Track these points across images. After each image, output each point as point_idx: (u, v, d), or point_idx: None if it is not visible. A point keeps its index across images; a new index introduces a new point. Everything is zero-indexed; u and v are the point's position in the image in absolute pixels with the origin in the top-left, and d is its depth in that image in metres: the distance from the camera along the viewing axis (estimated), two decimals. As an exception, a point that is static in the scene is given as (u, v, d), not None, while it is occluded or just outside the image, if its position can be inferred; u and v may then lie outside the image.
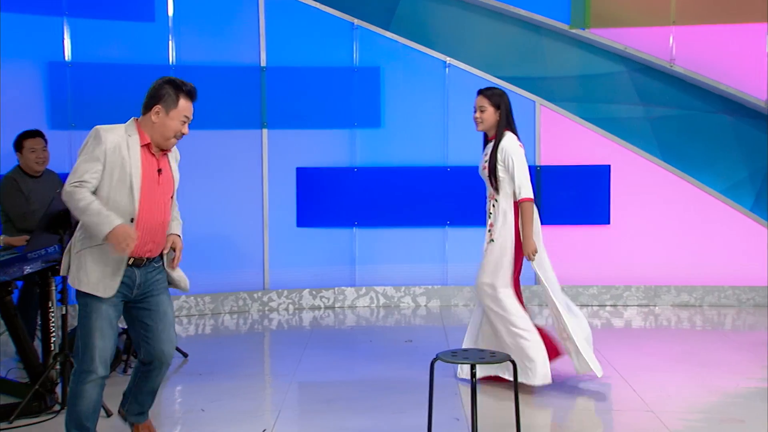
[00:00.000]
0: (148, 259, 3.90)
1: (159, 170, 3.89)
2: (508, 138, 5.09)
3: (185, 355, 5.86)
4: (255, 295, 7.53)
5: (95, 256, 3.74)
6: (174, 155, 4.08)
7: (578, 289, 7.62)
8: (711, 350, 6.03)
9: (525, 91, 7.54)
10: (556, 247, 7.65)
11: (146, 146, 3.85)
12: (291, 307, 7.59)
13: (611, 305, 7.59)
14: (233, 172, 7.47)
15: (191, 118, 3.99)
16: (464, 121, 7.61)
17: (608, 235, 7.59)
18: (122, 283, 3.80)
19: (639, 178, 7.53)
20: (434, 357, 3.89)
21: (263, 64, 7.45)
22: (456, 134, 7.60)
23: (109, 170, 3.72)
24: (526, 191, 4.97)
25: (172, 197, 3.99)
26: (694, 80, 7.35)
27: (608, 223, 7.57)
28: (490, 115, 5.13)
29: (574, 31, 7.43)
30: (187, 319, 7.23)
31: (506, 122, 5.13)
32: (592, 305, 7.59)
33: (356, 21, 7.54)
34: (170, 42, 7.21)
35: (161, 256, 4.03)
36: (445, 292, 7.68)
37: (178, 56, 7.23)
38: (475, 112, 5.19)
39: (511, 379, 4.49)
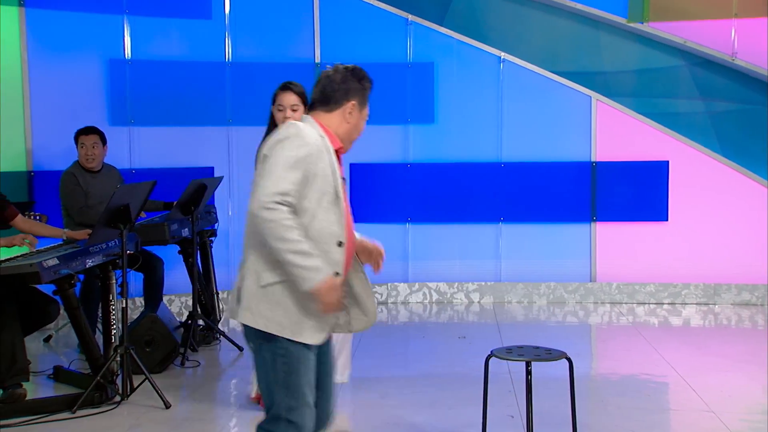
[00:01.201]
0: None
1: (343, 178, 3.08)
2: None
3: (240, 348, 5.93)
4: (309, 290, 7.57)
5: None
6: None
7: (635, 286, 7.50)
8: (773, 350, 5.89)
9: (581, 87, 7.45)
10: (613, 244, 7.57)
11: (338, 151, 3.07)
12: (344, 302, 7.62)
13: (669, 303, 7.46)
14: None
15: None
16: (519, 116, 7.58)
17: (666, 231, 7.45)
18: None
19: (698, 174, 7.38)
20: (489, 353, 3.87)
21: (318, 60, 7.49)
22: (510, 130, 7.55)
23: (312, 181, 2.88)
24: None
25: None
26: (757, 74, 7.16)
27: (666, 219, 7.44)
28: None
29: (632, 24, 7.31)
30: (243, 313, 7.30)
31: None
32: (649, 303, 7.46)
33: (410, 17, 7.53)
34: (227, 39, 7.29)
35: None
36: (499, 288, 7.64)
37: (235, 53, 7.32)
38: None
39: None
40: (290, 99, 4.49)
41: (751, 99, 7.29)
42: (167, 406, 4.67)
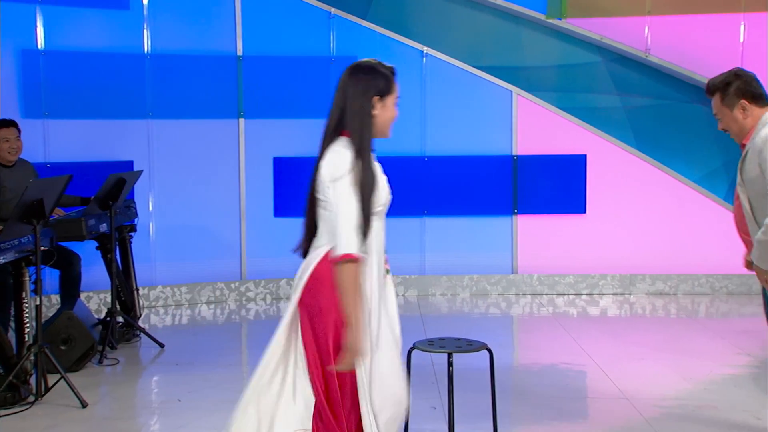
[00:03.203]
0: None
1: None
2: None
3: (162, 345, 5.83)
4: (232, 285, 7.50)
5: None
6: None
7: (555, 278, 7.66)
8: (685, 338, 6.09)
9: (502, 81, 7.56)
10: (534, 236, 7.72)
11: None
12: (269, 297, 7.57)
13: (587, 294, 7.64)
14: (210, 161, 7.43)
15: None
16: (442, 110, 7.65)
17: (584, 224, 7.64)
18: None
19: (615, 168, 7.58)
20: (411, 346, 3.90)
21: (240, 53, 7.40)
22: (433, 124, 7.61)
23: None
24: None
25: None
26: (670, 70, 7.40)
27: (584, 212, 7.62)
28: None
29: (551, 21, 7.45)
30: (164, 309, 7.20)
31: None
32: (569, 294, 7.64)
33: (333, 10, 7.51)
34: (145, 30, 7.14)
35: None
36: (423, 281, 7.70)
37: (153, 45, 7.17)
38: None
39: None
40: None
41: (665, 94, 7.52)
42: (84, 405, 4.56)
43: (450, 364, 3.76)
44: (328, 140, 3.03)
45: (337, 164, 2.93)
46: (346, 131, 3.01)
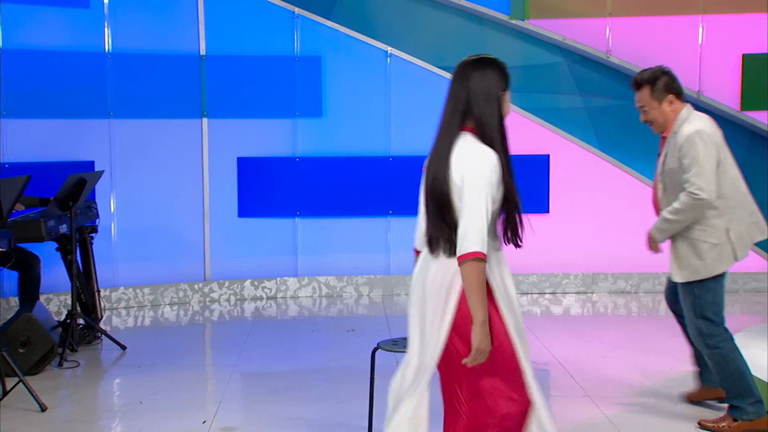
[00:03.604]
0: None
1: None
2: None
3: (123, 347, 5.77)
4: (196, 286, 7.45)
5: None
6: None
7: (519, 277, 7.71)
8: (646, 336, 6.17)
9: (466, 82, 7.58)
10: (497, 236, 7.75)
11: None
12: (233, 297, 7.53)
13: (550, 293, 7.71)
14: (173, 161, 7.36)
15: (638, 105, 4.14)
16: (406, 110, 7.66)
17: (547, 224, 7.69)
18: None
19: (577, 168, 7.65)
20: (375, 346, 3.91)
21: (203, 52, 7.35)
22: (398, 124, 7.62)
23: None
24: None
25: None
26: (630, 71, 7.48)
27: (547, 212, 7.68)
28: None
29: (513, 21, 7.51)
30: (126, 311, 7.12)
31: None
32: (532, 293, 7.69)
33: (297, 10, 7.49)
34: (106, 29, 7.06)
35: None
36: (388, 281, 7.71)
37: (114, 43, 7.09)
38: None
39: None
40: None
41: (626, 95, 7.55)
42: (43, 408, 4.50)
43: (414, 363, 3.76)
44: (449, 136, 2.95)
45: (486, 163, 2.87)
46: (468, 126, 2.94)
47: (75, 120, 6.99)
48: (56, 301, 6.84)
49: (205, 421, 4.40)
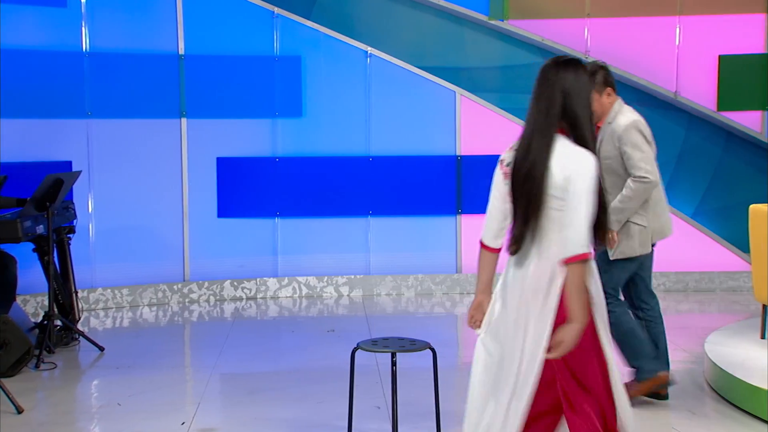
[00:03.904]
0: None
1: None
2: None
3: (101, 348, 5.73)
4: (175, 287, 7.41)
5: None
6: None
7: (499, 276, 7.72)
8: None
9: (446, 82, 7.61)
10: (477, 236, 7.77)
11: None
12: (212, 298, 7.50)
13: (530, 292, 7.72)
14: (152, 161, 7.32)
15: None
16: (386, 110, 7.67)
17: (527, 223, 7.71)
18: None
19: (556, 168, 7.67)
20: (354, 346, 3.91)
21: (181, 52, 7.32)
22: (378, 124, 7.63)
23: None
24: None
25: None
26: (609, 72, 7.53)
27: (527, 211, 7.69)
28: None
29: (493, 22, 7.53)
30: (104, 312, 7.07)
31: None
32: (511, 293, 7.71)
33: (276, 9, 7.47)
34: (83, 28, 7.01)
35: None
36: (368, 281, 7.71)
37: (92, 43, 7.04)
38: None
39: None
40: None
41: (604, 96, 7.64)
42: (19, 411, 4.45)
43: (393, 363, 3.78)
44: (545, 137, 2.95)
45: (587, 165, 2.88)
46: (562, 129, 2.95)
47: (52, 120, 6.93)
48: (33, 303, 6.78)
49: (184, 423, 4.38)
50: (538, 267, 2.98)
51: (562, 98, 2.95)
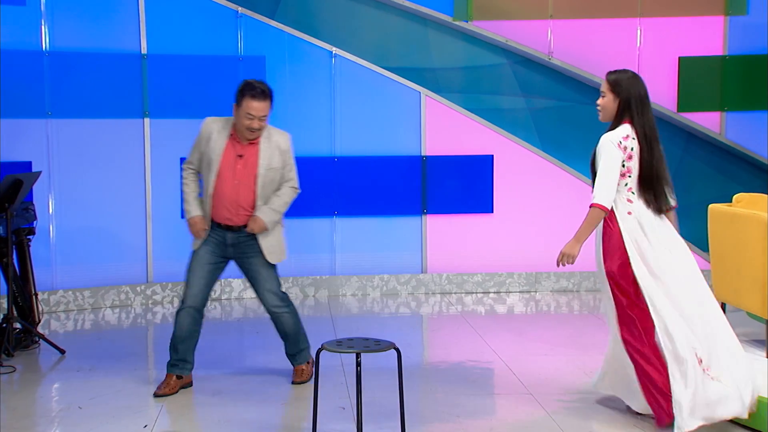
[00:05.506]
0: (238, 226, 4.83)
1: (240, 156, 4.75)
2: (615, 131, 4.29)
3: (62, 351, 5.66)
4: (138, 289, 7.33)
5: None
6: (275, 143, 4.86)
7: (464, 276, 7.78)
8: (587, 334, 6.27)
9: (411, 82, 7.62)
10: (443, 236, 7.81)
11: (232, 136, 4.80)
12: (176, 300, 7.43)
13: (495, 292, 7.78)
14: (114, 162, 7.24)
15: (259, 115, 4.74)
16: (351, 111, 7.66)
17: (491, 223, 7.77)
18: (216, 240, 4.85)
19: (520, 168, 7.74)
20: (319, 347, 3.90)
21: (144, 51, 7.24)
22: (343, 124, 7.62)
23: (203, 153, 4.85)
24: (597, 196, 4.31)
25: (255, 179, 4.77)
26: (571, 72, 7.61)
27: (491, 211, 7.75)
28: (609, 102, 4.33)
29: (457, 23, 7.56)
30: (65, 314, 6.97)
31: (628, 113, 4.27)
32: (477, 292, 7.76)
33: (240, 9, 7.43)
34: (43, 27, 6.91)
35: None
36: (333, 281, 7.69)
37: (53, 42, 6.94)
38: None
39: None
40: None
41: (567, 96, 7.73)
42: (-20, 414, 4.38)
43: (358, 364, 3.78)
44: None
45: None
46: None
47: (11, 120, 6.81)
48: (-8, 305, 6.67)
49: (146, 426, 4.34)
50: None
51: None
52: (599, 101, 4.37)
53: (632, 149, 4.23)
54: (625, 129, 4.25)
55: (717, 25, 7.66)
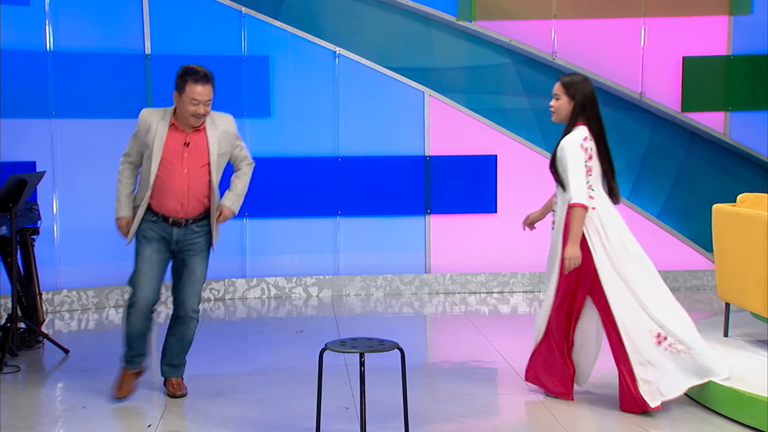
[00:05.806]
0: (186, 220, 4.67)
1: (186, 143, 4.59)
2: (574, 133, 4.59)
3: (66, 351, 5.67)
4: (142, 289, 7.33)
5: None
6: (221, 129, 4.72)
7: (467, 276, 7.77)
8: (591, 333, 6.25)
9: (414, 82, 7.62)
10: (446, 236, 7.81)
11: (173, 125, 4.62)
12: (179, 299, 7.43)
13: (498, 292, 7.78)
14: (117, 162, 7.20)
15: (204, 99, 4.61)
16: (355, 111, 7.66)
17: (495, 223, 7.77)
18: (161, 236, 4.71)
19: (524, 168, 7.73)
20: (323, 347, 3.91)
21: (148, 51, 7.25)
22: (347, 124, 7.62)
23: (142, 145, 4.67)
24: (576, 196, 4.52)
25: (208, 167, 4.64)
26: (575, 73, 7.58)
27: (495, 211, 7.75)
28: (563, 105, 4.65)
29: (461, 23, 7.56)
30: (69, 314, 6.99)
31: (582, 114, 4.59)
32: (480, 292, 7.76)
33: (244, 9, 7.43)
34: (47, 27, 6.92)
35: (207, 221, 4.75)
36: (337, 281, 7.70)
37: (57, 42, 6.95)
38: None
39: None
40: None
41: (571, 97, 7.70)
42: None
43: (362, 364, 3.78)
44: None
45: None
46: None
47: (15, 119, 6.82)
48: (-4, 305, 6.68)
49: (150, 425, 4.34)
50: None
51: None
52: (552, 103, 4.68)
53: (591, 149, 4.54)
54: (582, 131, 4.56)
55: (721, 25, 7.65)
